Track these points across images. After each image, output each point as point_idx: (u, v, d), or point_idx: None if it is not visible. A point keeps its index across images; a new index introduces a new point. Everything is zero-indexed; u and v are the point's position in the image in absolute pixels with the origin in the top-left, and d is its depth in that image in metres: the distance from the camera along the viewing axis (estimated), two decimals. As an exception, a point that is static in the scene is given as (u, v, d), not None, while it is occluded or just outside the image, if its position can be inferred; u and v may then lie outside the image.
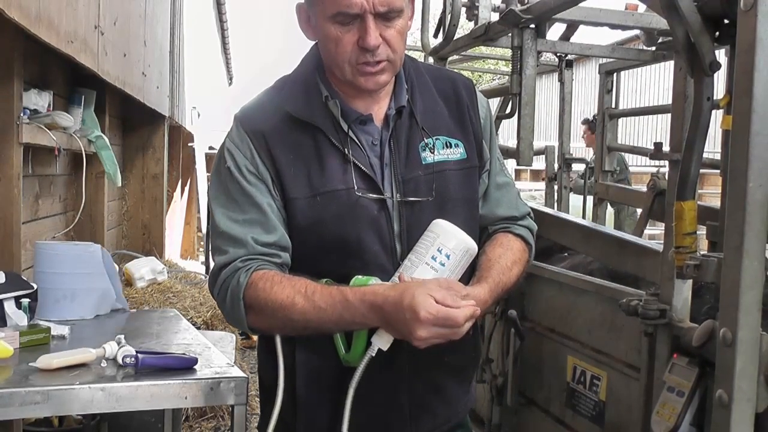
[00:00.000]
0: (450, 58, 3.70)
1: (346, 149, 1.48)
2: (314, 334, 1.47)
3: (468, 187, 1.58)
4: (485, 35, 3.06)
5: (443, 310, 1.30)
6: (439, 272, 1.43)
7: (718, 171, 2.41)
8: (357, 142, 1.50)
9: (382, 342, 1.41)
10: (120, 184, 4.45)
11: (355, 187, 1.46)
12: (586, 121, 8.17)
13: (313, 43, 1.60)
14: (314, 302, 1.39)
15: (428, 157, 1.52)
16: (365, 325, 1.41)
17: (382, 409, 1.51)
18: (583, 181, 5.64)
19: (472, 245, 1.48)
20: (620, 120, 4.51)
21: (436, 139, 1.54)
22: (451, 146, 1.55)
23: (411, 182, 1.50)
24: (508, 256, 1.57)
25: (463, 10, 3.12)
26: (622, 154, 7.08)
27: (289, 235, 1.50)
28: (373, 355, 1.40)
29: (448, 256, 1.44)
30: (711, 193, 9.09)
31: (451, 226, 1.46)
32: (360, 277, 1.43)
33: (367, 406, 1.48)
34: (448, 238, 1.45)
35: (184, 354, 1.91)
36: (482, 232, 1.64)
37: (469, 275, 1.52)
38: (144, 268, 4.65)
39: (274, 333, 1.49)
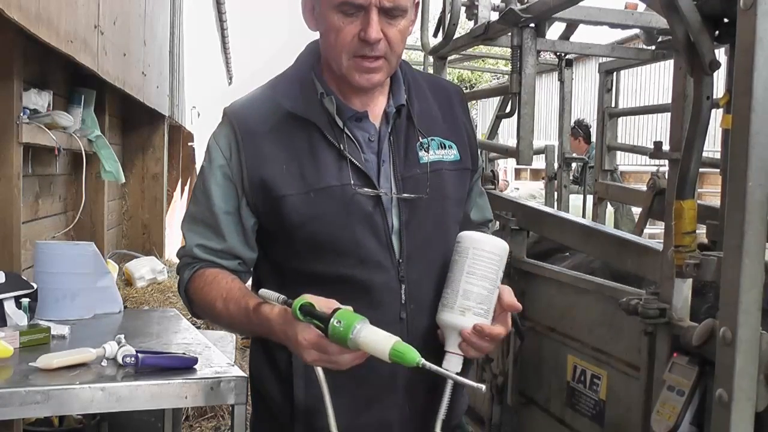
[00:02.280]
0: (450, 58, 3.69)
1: (341, 145, 1.48)
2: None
3: (461, 188, 1.61)
4: (485, 34, 3.06)
5: (319, 343, 1.29)
6: (498, 286, 1.47)
7: (718, 170, 2.41)
8: (352, 138, 1.51)
9: (454, 365, 1.43)
10: (123, 181, 4.45)
11: (351, 183, 1.46)
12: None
13: (308, 42, 1.61)
14: (228, 309, 1.47)
15: (424, 156, 1.53)
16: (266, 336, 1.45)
17: (381, 409, 1.51)
18: (575, 185, 5.64)
19: None
20: (620, 119, 4.51)
21: (432, 139, 1.55)
22: (445, 147, 1.57)
23: (410, 180, 1.51)
24: None
25: (463, 9, 3.12)
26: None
27: (281, 233, 1.50)
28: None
29: (502, 273, 1.48)
30: (711, 192, 9.08)
31: (500, 241, 1.48)
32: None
33: (367, 406, 1.48)
34: (504, 257, 1.48)
35: (184, 353, 1.91)
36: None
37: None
38: (144, 268, 4.65)
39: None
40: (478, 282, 1.43)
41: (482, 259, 1.44)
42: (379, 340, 1.26)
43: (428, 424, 1.57)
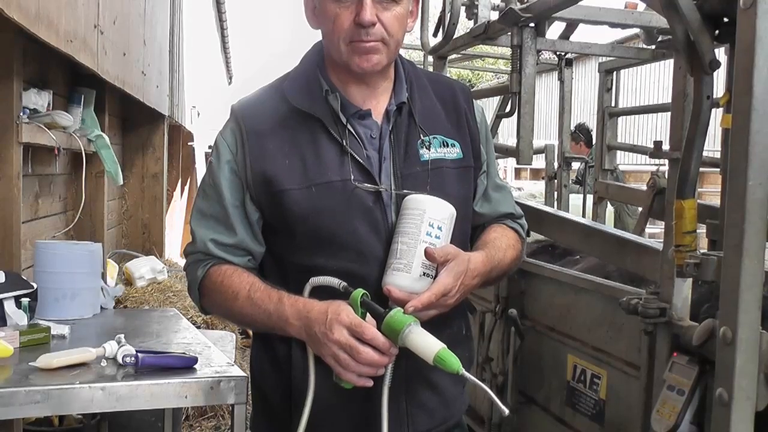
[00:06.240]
0: (449, 57, 3.69)
1: (344, 141, 1.50)
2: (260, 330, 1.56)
3: (464, 186, 1.61)
4: (485, 34, 3.06)
5: (360, 322, 1.35)
6: (438, 245, 1.44)
7: (718, 169, 2.41)
8: (355, 135, 1.52)
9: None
10: (121, 183, 4.45)
11: (352, 178, 1.48)
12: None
13: (312, 43, 1.63)
14: (252, 299, 1.48)
15: (425, 154, 1.55)
16: (283, 331, 1.45)
17: (379, 406, 1.51)
18: (576, 185, 5.63)
19: (453, 209, 1.50)
20: (620, 118, 4.51)
21: (433, 137, 1.57)
22: (447, 145, 1.58)
23: (410, 177, 1.52)
24: (503, 240, 1.61)
25: (463, 8, 3.12)
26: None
27: (283, 226, 1.52)
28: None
29: (440, 228, 1.45)
30: (711, 192, 9.08)
31: (430, 197, 1.47)
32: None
33: (365, 404, 1.48)
34: (435, 209, 1.46)
35: (184, 353, 1.91)
36: (479, 228, 1.67)
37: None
38: (144, 268, 4.65)
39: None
40: (398, 239, 1.45)
41: (405, 216, 1.47)
42: (428, 342, 1.34)
43: (427, 423, 1.58)
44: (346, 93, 1.54)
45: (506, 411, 1.34)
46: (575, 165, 5.32)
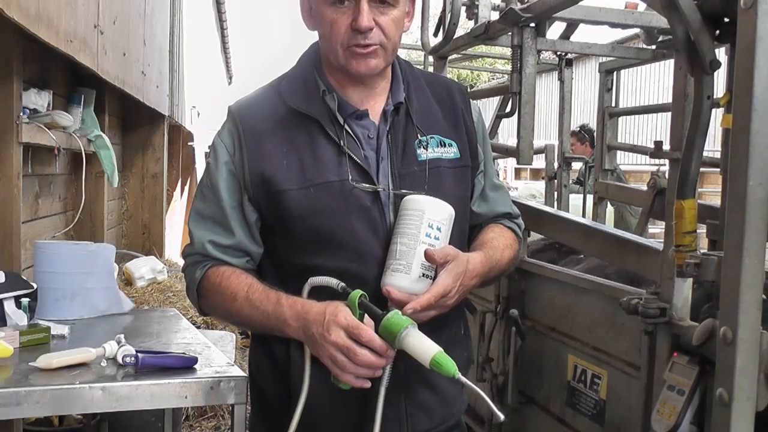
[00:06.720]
0: (450, 57, 3.69)
1: (341, 141, 1.50)
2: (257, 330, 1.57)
3: (461, 186, 1.61)
4: (485, 34, 3.06)
5: (358, 324, 1.34)
6: (437, 246, 1.44)
7: (719, 169, 2.40)
8: (352, 135, 1.53)
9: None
10: (116, 185, 4.45)
11: (350, 178, 1.48)
12: (573, 133, 7.55)
13: (310, 43, 1.64)
14: (251, 300, 1.48)
15: (423, 153, 1.55)
16: (282, 332, 1.45)
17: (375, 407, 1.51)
18: (577, 185, 5.63)
19: (452, 209, 1.50)
20: (620, 119, 4.52)
21: (431, 137, 1.57)
22: (445, 145, 1.58)
23: (407, 177, 1.53)
24: (501, 240, 1.62)
25: (463, 8, 3.12)
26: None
27: (281, 227, 1.52)
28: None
29: (439, 228, 1.46)
30: (711, 192, 9.07)
31: (429, 198, 1.47)
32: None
33: (363, 404, 1.48)
34: (434, 210, 1.46)
35: (184, 353, 1.91)
36: (476, 228, 1.67)
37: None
38: (144, 268, 4.65)
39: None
40: (398, 240, 1.45)
41: (404, 217, 1.47)
42: (424, 345, 1.34)
43: (426, 423, 1.58)
44: (343, 93, 1.55)
45: (501, 416, 1.34)
46: (576, 165, 5.32)
